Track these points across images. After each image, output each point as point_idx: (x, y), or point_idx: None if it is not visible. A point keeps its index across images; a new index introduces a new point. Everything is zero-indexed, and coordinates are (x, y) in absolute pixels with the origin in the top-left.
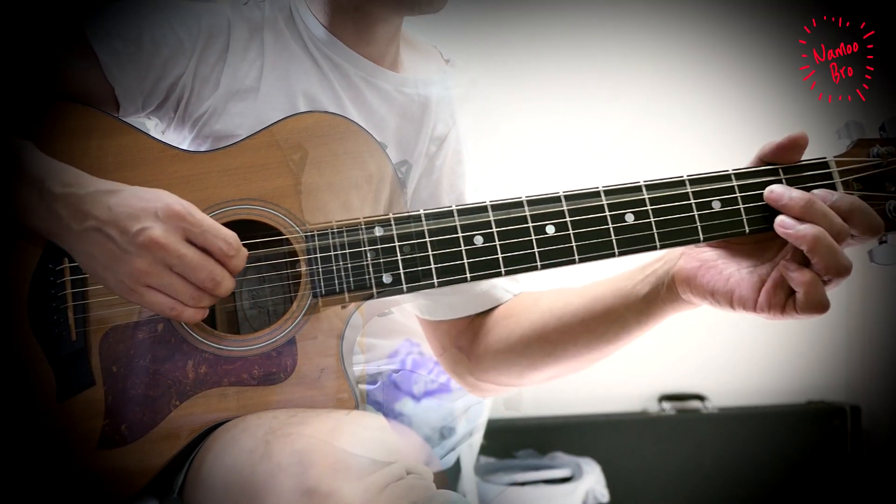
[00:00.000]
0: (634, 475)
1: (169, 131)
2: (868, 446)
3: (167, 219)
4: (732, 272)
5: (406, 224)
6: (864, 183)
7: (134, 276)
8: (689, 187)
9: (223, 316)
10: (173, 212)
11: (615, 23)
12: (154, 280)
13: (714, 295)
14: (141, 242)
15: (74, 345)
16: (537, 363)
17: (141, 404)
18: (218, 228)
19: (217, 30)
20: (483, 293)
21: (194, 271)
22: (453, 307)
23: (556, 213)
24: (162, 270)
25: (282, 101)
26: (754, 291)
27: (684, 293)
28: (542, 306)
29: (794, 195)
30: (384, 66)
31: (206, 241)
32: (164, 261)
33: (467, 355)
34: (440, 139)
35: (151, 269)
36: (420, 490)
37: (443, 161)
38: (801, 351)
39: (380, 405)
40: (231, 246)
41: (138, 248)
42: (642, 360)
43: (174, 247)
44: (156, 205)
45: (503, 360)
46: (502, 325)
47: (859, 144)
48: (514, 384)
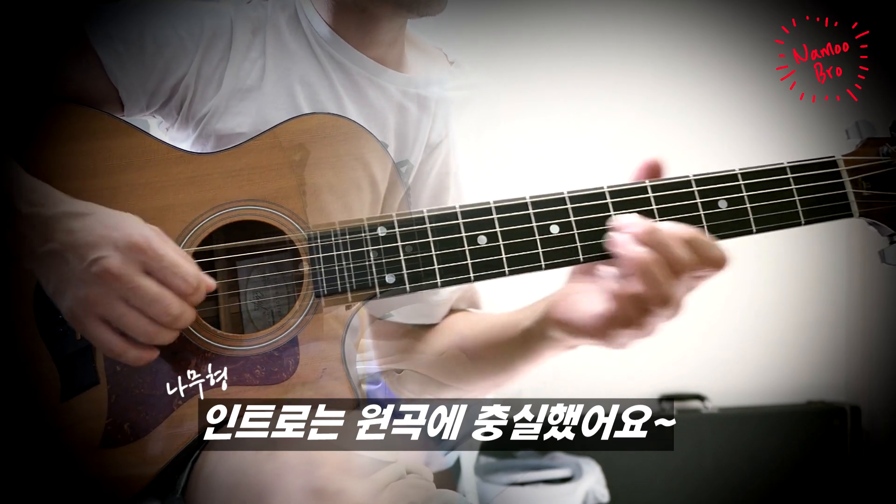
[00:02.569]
0: (634, 475)
1: (173, 130)
2: (868, 446)
3: (126, 250)
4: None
5: (409, 224)
6: (872, 182)
7: (84, 305)
8: (694, 187)
9: (228, 316)
10: (132, 243)
11: (615, 24)
12: (104, 311)
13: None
14: (95, 272)
15: (79, 344)
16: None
17: (143, 404)
18: (177, 264)
19: (220, 29)
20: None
21: (149, 305)
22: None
23: (560, 213)
24: (114, 301)
25: (284, 100)
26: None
27: (550, 331)
28: (454, 329)
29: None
30: (388, 65)
31: (165, 277)
32: (117, 292)
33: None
34: (432, 147)
35: (103, 299)
36: (420, 489)
37: (430, 169)
38: (801, 351)
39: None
40: (189, 284)
41: (92, 277)
42: (642, 360)
43: (128, 278)
44: (117, 234)
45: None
46: (427, 341)
47: (868, 143)
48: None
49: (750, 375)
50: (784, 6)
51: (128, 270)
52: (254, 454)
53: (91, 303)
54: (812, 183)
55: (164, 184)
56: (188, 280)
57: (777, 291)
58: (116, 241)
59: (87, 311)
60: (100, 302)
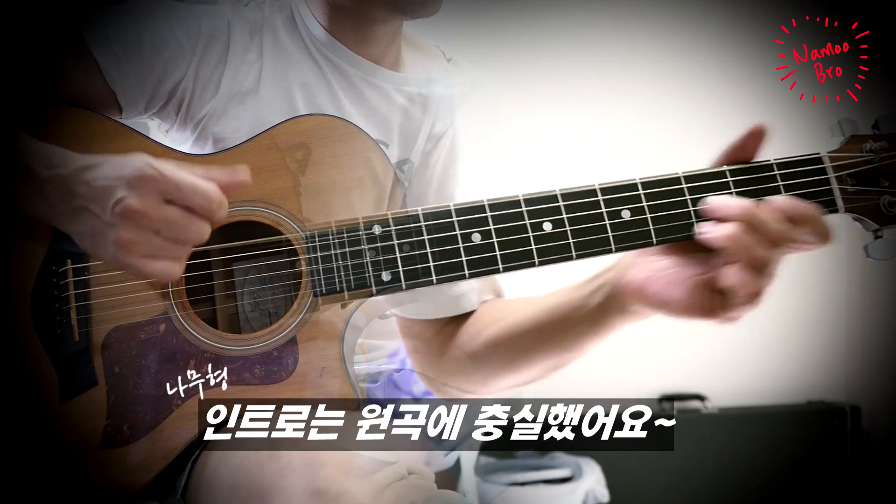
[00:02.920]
0: (634, 475)
1: (172, 131)
2: (868, 446)
3: (140, 184)
4: (683, 280)
5: (405, 223)
6: (857, 178)
7: (124, 248)
8: (684, 184)
9: (225, 317)
10: (144, 175)
11: (615, 24)
12: (144, 249)
13: (663, 305)
14: (119, 213)
15: (77, 345)
16: (497, 372)
17: (143, 404)
18: (195, 184)
19: (217, 31)
20: (453, 299)
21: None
22: (423, 309)
23: (553, 211)
24: (150, 236)
25: (281, 103)
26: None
27: (632, 305)
28: (502, 315)
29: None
30: (385, 66)
31: (185, 198)
32: (148, 227)
33: (438, 359)
34: (437, 137)
35: (138, 237)
36: (421, 489)
37: (437, 159)
38: (801, 351)
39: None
40: (211, 200)
41: (119, 220)
42: (642, 360)
43: (154, 211)
44: (127, 172)
45: (466, 367)
46: (467, 333)
47: (852, 140)
48: (478, 391)
49: (750, 375)
50: (784, 6)
51: (149, 203)
52: (255, 455)
53: (128, 244)
54: (798, 179)
55: None
56: (209, 196)
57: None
58: (129, 179)
59: (128, 254)
60: (137, 240)
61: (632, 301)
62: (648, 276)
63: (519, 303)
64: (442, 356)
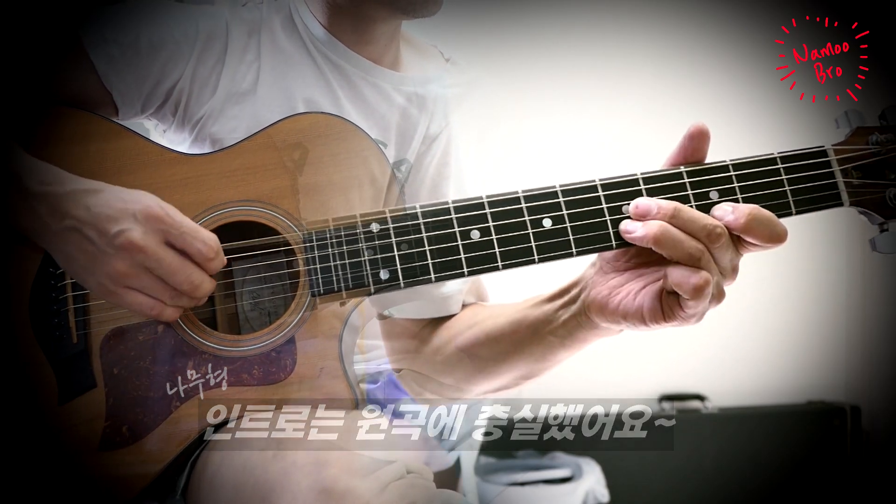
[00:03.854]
0: (634, 475)
1: (170, 132)
2: (868, 446)
3: (146, 221)
4: (639, 290)
5: (402, 220)
6: (863, 171)
7: (113, 278)
8: (686, 178)
9: (224, 317)
10: (152, 214)
11: (615, 24)
12: (133, 282)
13: (626, 317)
14: (119, 244)
15: (75, 347)
16: (469, 377)
17: (142, 405)
18: (197, 231)
19: (215, 32)
20: (440, 301)
21: (173, 275)
22: (407, 308)
23: (552, 207)
24: (141, 272)
25: (279, 103)
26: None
27: (601, 321)
28: (475, 322)
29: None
30: (384, 65)
31: (185, 243)
32: (142, 263)
33: (412, 361)
34: (431, 138)
35: (130, 270)
36: (420, 489)
37: (430, 161)
38: (801, 351)
39: (380, 405)
40: (210, 248)
41: (117, 250)
42: (642, 360)
43: (153, 249)
44: (135, 206)
45: (440, 371)
46: (441, 338)
47: (857, 133)
48: (451, 395)
49: (750, 375)
50: (784, 6)
51: (151, 240)
52: (259, 455)
53: (120, 274)
54: (802, 173)
55: (159, 186)
56: (208, 244)
57: (777, 291)
58: (136, 213)
59: (117, 284)
60: (128, 273)
61: (599, 318)
62: (608, 294)
63: (492, 310)
64: (416, 358)
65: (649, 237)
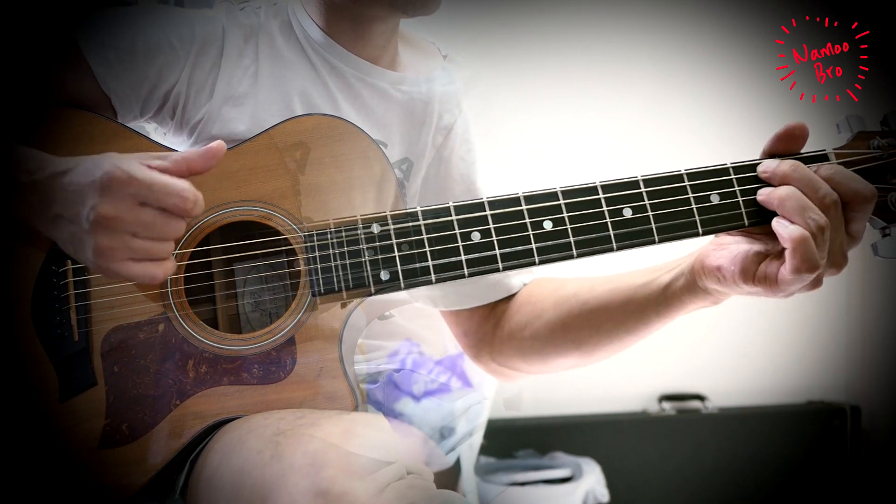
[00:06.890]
0: (634, 475)
1: (169, 135)
2: (868, 446)
3: (110, 189)
4: (741, 250)
5: (403, 221)
6: (864, 175)
7: (102, 255)
8: (686, 181)
9: (225, 317)
10: (113, 180)
11: (616, 23)
12: (122, 253)
13: (720, 270)
14: (93, 221)
15: (76, 345)
16: (560, 349)
17: (142, 404)
18: (166, 184)
19: (211, 37)
20: (495, 283)
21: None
22: (463, 297)
23: (553, 209)
24: (127, 241)
25: (278, 106)
26: (754, 264)
27: (700, 279)
28: (566, 292)
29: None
30: (382, 65)
31: (159, 200)
32: (124, 231)
33: (490, 342)
34: (447, 129)
35: (115, 242)
36: (419, 489)
37: (451, 151)
38: (801, 351)
39: (380, 405)
40: (186, 199)
41: (95, 227)
42: (642, 360)
43: (126, 216)
44: (97, 177)
45: (526, 347)
46: (524, 312)
47: (859, 137)
48: (537, 370)
49: (750, 375)
50: (784, 6)
51: (121, 208)
52: (258, 456)
53: (106, 250)
54: None
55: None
56: (183, 194)
57: None
58: (98, 184)
59: (109, 259)
60: (113, 247)
61: (699, 273)
62: (714, 248)
63: (580, 281)
64: (495, 339)
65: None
